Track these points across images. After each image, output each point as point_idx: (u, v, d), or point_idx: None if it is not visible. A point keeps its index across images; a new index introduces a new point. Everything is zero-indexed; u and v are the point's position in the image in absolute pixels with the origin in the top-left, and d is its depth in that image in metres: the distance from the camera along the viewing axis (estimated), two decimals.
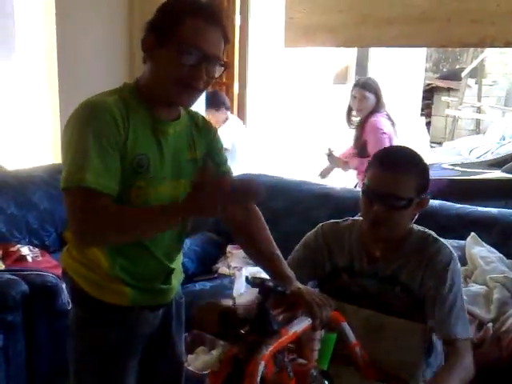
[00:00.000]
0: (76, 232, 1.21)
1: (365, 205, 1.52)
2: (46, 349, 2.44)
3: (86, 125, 1.21)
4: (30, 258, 2.60)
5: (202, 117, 1.48)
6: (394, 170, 1.46)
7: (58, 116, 3.42)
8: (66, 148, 1.23)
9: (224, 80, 3.82)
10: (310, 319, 1.27)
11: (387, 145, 3.30)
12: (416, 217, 1.54)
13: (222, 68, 1.32)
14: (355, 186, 3.76)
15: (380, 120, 3.44)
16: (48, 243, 2.99)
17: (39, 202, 3.02)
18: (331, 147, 3.67)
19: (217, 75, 1.32)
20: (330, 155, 3.60)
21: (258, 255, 1.47)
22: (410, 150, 1.55)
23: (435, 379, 1.43)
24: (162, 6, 1.30)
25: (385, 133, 3.41)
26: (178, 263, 1.45)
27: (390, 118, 3.53)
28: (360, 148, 3.46)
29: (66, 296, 2.39)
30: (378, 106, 3.46)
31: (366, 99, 3.43)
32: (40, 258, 2.66)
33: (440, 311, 1.46)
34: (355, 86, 3.52)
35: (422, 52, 10.64)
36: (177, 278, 1.46)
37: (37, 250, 2.75)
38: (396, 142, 3.46)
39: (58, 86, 3.38)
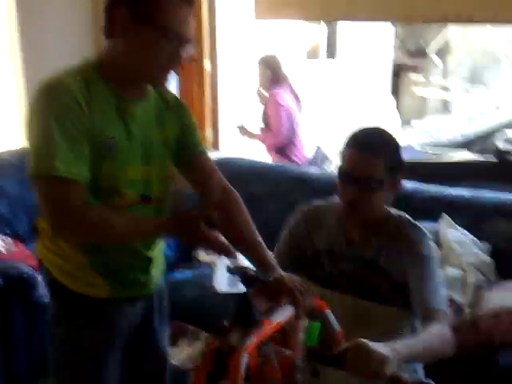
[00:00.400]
0: (52, 225, 1.19)
1: (340, 187, 1.53)
2: (23, 343, 2.38)
3: (47, 108, 1.16)
4: (3, 249, 2.51)
5: (174, 94, 1.44)
6: (365, 151, 1.46)
7: (24, 96, 3.29)
8: (29, 133, 1.19)
9: (194, 57, 3.73)
10: (292, 307, 1.25)
11: (285, 118, 3.54)
12: (391, 199, 1.56)
13: (191, 50, 1.29)
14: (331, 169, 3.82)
15: (279, 93, 3.65)
16: (20, 232, 2.88)
17: (10, 188, 2.91)
18: (242, 120, 3.89)
19: (187, 57, 1.29)
20: (242, 128, 3.81)
21: (239, 241, 1.44)
22: (381, 130, 1.56)
23: (404, 340, 1.39)
24: None
25: (283, 106, 3.62)
26: (157, 252, 1.42)
27: (293, 93, 3.74)
28: (265, 121, 3.70)
29: (43, 288, 2.32)
30: (276, 80, 3.65)
31: (263, 75, 3.70)
32: (14, 249, 2.58)
33: (416, 286, 1.46)
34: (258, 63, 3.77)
35: (390, 29, 10.66)
36: (157, 268, 1.43)
37: (9, 239, 2.66)
38: (298, 118, 3.55)
39: (22, 65, 3.26)
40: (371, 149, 1.46)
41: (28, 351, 2.39)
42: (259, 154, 4.12)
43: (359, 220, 1.54)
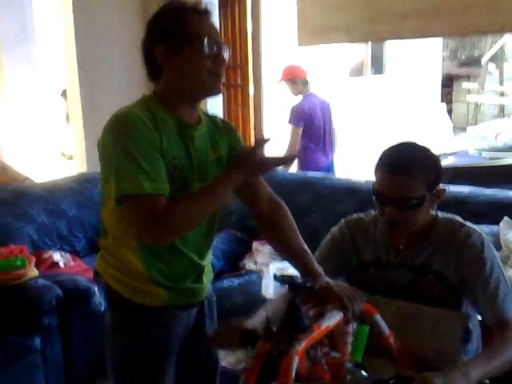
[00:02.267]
0: (148, 236, 1.28)
1: (378, 207, 1.51)
2: (81, 349, 2.52)
3: (123, 134, 1.26)
4: (62, 264, 2.67)
5: (220, 117, 1.54)
6: (400, 174, 1.42)
7: (82, 127, 3.49)
8: (108, 160, 1.29)
9: (239, 82, 3.84)
10: (341, 313, 1.26)
11: None
12: (435, 206, 1.52)
13: (228, 54, 1.38)
14: None
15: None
16: (78, 248, 3.07)
17: (68, 209, 3.12)
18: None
19: (226, 58, 1.38)
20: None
21: (286, 251, 1.49)
22: (415, 147, 1.50)
23: (485, 352, 1.40)
24: (157, 19, 1.36)
25: None
26: (208, 261, 1.48)
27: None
28: None
29: (97, 298, 2.47)
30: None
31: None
32: (72, 263, 2.74)
33: (485, 297, 1.42)
34: None
35: (439, 41, 10.50)
36: (207, 278, 1.49)
37: (68, 255, 2.82)
38: None
39: (80, 99, 3.47)
40: (406, 171, 1.41)
41: (86, 356, 2.52)
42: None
43: (402, 235, 1.52)
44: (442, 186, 1.50)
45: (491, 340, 1.43)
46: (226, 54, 1.36)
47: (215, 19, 2.83)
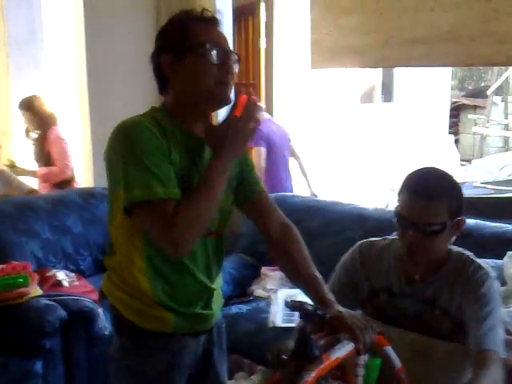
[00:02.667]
0: (167, 240, 1.21)
1: (399, 231, 1.50)
2: (84, 374, 2.45)
3: (130, 141, 1.23)
4: (66, 283, 2.61)
5: None
6: (424, 198, 1.42)
7: (89, 140, 3.48)
8: (116, 170, 1.25)
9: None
10: (352, 344, 1.24)
11: (68, 153, 3.74)
12: (454, 238, 1.52)
13: (238, 64, 1.35)
14: (387, 206, 3.76)
15: (57, 130, 3.82)
16: (83, 267, 3.01)
17: (73, 226, 3.06)
18: (12, 158, 4.01)
19: (236, 70, 1.35)
20: (13, 167, 3.90)
21: (297, 276, 1.44)
22: (440, 172, 1.51)
23: None
24: (163, 29, 1.35)
25: (65, 141, 3.79)
26: (218, 285, 1.45)
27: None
28: (44, 159, 3.80)
29: (102, 321, 2.42)
30: (44, 119, 3.77)
31: (28, 118, 3.82)
32: (76, 283, 2.68)
33: (471, 326, 1.43)
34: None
35: (447, 70, 10.59)
36: (217, 304, 1.46)
37: (73, 274, 2.77)
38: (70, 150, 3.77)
39: (88, 112, 3.46)
40: (430, 196, 1.42)
41: (89, 380, 2.45)
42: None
43: (421, 261, 1.50)
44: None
45: None
46: (235, 62, 1.33)
47: (228, 33, 2.80)
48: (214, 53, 1.28)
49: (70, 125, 4.13)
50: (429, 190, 1.43)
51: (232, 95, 1.34)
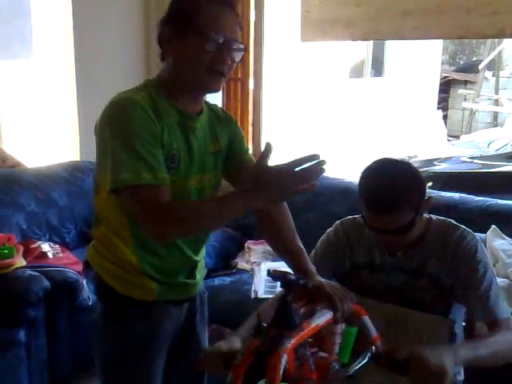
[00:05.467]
0: (149, 229, 1.22)
1: (369, 229, 1.52)
2: (66, 343, 2.48)
3: (123, 121, 1.21)
4: (50, 255, 2.62)
5: (221, 108, 1.49)
6: (385, 212, 1.41)
7: (76, 113, 3.44)
8: (104, 147, 1.23)
9: (239, 76, 3.80)
10: (331, 312, 1.26)
11: None
12: (426, 212, 1.53)
13: (242, 52, 1.31)
14: None
15: None
16: (68, 240, 3.03)
17: (59, 198, 3.06)
18: None
19: (237, 59, 1.32)
20: None
21: (281, 247, 1.46)
22: (394, 173, 1.46)
23: (468, 342, 1.43)
24: (174, 0, 1.31)
25: None
26: (201, 256, 1.46)
27: None
28: None
29: (86, 292, 2.44)
30: None
31: None
32: (61, 255, 2.69)
33: (478, 297, 1.44)
34: None
35: (439, 44, 10.54)
36: (200, 273, 1.47)
37: (57, 246, 2.78)
38: None
39: (75, 84, 3.41)
40: (389, 208, 1.41)
41: (71, 351, 2.48)
42: None
43: (400, 249, 1.53)
44: (428, 193, 1.50)
45: None
46: (238, 51, 1.29)
47: None
48: (212, 39, 1.24)
49: (57, 99, 4.07)
50: (387, 204, 1.41)
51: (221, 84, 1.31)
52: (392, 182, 1.43)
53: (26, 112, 4.55)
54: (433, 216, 1.56)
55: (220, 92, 3.70)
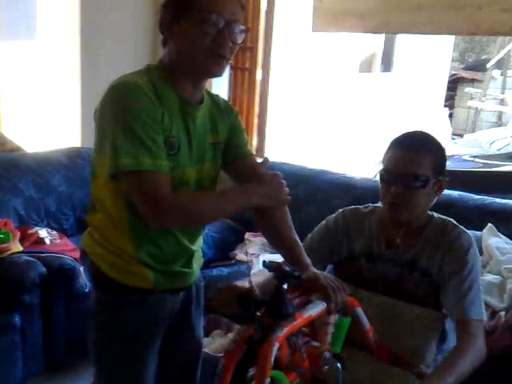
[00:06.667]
0: (147, 215, 1.21)
1: (383, 189, 1.54)
2: (62, 329, 2.47)
3: (123, 105, 1.19)
4: (48, 241, 2.61)
5: (223, 98, 1.46)
6: (410, 149, 1.49)
7: (79, 99, 3.43)
8: (104, 132, 1.21)
9: (247, 65, 3.76)
10: (324, 303, 1.26)
11: None
12: (434, 201, 1.55)
13: (244, 34, 1.28)
14: (375, 176, 3.75)
15: None
16: (66, 227, 3.01)
17: (58, 185, 3.03)
18: None
19: (239, 41, 1.28)
20: None
21: (276, 239, 1.45)
22: (426, 133, 1.59)
23: (446, 361, 1.42)
24: None
25: None
26: (198, 246, 1.45)
27: None
28: None
29: (83, 279, 2.43)
30: None
31: None
32: (58, 241, 2.68)
33: (456, 293, 1.46)
34: None
35: (450, 41, 10.48)
36: (197, 263, 1.46)
37: (55, 232, 2.76)
38: None
39: (79, 68, 3.39)
40: (416, 147, 1.49)
41: (66, 337, 2.47)
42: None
43: (402, 220, 1.53)
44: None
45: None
46: (239, 33, 1.26)
47: None
48: (211, 22, 1.21)
49: (60, 82, 4.05)
50: (415, 144, 1.51)
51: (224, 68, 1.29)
52: (425, 134, 1.57)
53: (27, 95, 4.52)
54: (435, 214, 1.59)
55: (226, 81, 3.68)
